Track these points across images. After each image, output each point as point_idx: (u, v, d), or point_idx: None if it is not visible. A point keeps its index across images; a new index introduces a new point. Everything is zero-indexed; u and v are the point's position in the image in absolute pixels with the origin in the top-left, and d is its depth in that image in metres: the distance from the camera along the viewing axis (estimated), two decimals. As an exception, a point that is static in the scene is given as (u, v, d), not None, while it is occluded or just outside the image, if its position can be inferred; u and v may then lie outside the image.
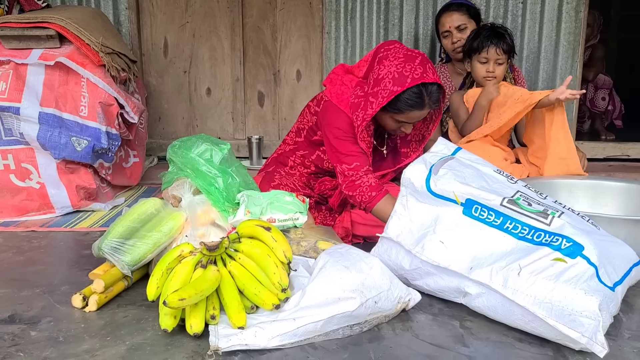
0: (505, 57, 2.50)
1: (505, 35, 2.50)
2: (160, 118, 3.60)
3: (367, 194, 1.98)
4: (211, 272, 1.49)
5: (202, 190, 1.85)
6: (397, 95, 1.91)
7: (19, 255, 2.05)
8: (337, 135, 2.08)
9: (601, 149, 3.43)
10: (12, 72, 2.47)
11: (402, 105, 1.94)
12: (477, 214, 1.57)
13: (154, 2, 3.46)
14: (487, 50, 2.48)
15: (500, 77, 2.53)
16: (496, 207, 1.57)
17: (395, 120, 2.02)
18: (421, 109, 1.96)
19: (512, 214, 1.55)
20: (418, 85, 1.90)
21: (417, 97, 1.93)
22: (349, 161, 2.04)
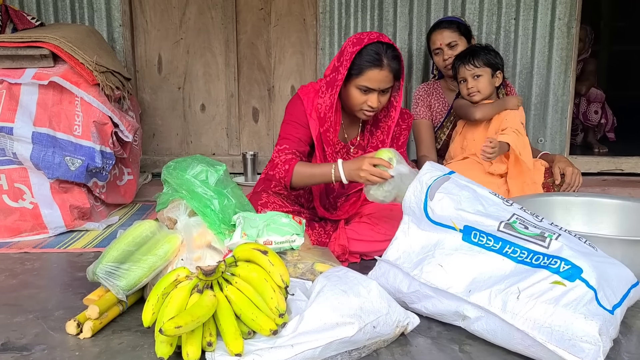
0: (481, 69, 2.52)
1: (476, 51, 2.54)
2: (155, 134, 3.59)
3: (282, 168, 2.09)
4: (208, 298, 1.47)
5: (198, 212, 1.83)
6: (357, 55, 2.04)
7: (12, 278, 2.03)
8: (285, 119, 2.21)
9: (595, 163, 3.44)
10: (5, 92, 2.46)
11: (362, 64, 2.04)
12: (477, 239, 1.57)
13: (148, 19, 3.46)
14: (458, 70, 2.58)
15: (484, 89, 2.55)
16: (494, 232, 1.57)
17: (359, 90, 2.08)
18: (380, 67, 2.03)
19: (510, 238, 1.55)
20: (375, 43, 2.05)
21: (375, 54, 2.03)
22: (281, 143, 2.16)
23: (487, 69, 2.53)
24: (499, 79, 2.58)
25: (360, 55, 2.04)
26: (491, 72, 2.54)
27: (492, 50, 2.59)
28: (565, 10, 3.23)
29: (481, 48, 2.58)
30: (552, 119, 3.34)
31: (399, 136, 2.33)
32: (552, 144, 3.35)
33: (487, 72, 2.53)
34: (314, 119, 2.18)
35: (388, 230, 2.16)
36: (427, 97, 2.91)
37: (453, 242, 1.60)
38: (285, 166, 2.08)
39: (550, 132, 3.36)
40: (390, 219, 2.19)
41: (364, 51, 2.04)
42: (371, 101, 2.09)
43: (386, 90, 2.11)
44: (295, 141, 2.16)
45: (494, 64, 2.54)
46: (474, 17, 3.29)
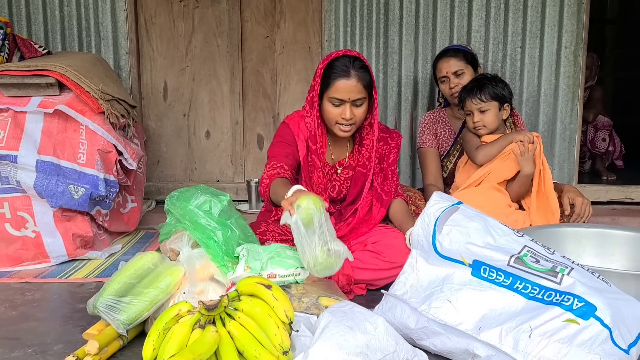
0: (488, 103, 2.49)
1: (484, 85, 2.50)
2: (159, 161, 3.58)
3: (264, 183, 2.09)
4: (209, 334, 1.43)
5: (201, 244, 1.81)
6: (326, 70, 2.11)
7: (12, 309, 1.99)
8: (273, 141, 2.27)
9: (604, 192, 3.40)
10: (10, 120, 2.45)
11: (330, 77, 2.10)
12: (486, 275, 1.54)
13: (155, 47, 3.48)
14: (465, 103, 2.55)
15: (490, 124, 2.52)
16: (504, 267, 1.53)
17: (331, 103, 2.13)
18: (348, 77, 2.09)
19: (521, 274, 1.51)
20: (342, 56, 2.12)
21: (341, 65, 2.10)
22: (268, 162, 2.18)
23: (494, 102, 2.50)
24: (506, 112, 2.56)
25: (329, 69, 2.12)
26: (498, 106, 2.51)
27: (500, 81, 2.55)
28: (572, 38, 3.22)
29: (489, 80, 2.53)
30: (560, 147, 3.31)
31: (389, 154, 2.35)
32: (560, 172, 3.32)
33: (494, 105, 2.51)
34: (302, 140, 2.23)
35: (393, 257, 2.13)
36: (433, 125, 2.89)
37: (462, 277, 1.56)
38: (266, 180, 2.09)
39: (558, 161, 3.32)
40: (394, 247, 2.16)
41: (331, 65, 2.12)
42: (344, 113, 2.12)
43: (359, 103, 2.14)
44: (283, 156, 2.19)
45: (501, 96, 2.51)
46: (480, 45, 3.29)
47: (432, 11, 3.30)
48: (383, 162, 2.34)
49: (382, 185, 2.32)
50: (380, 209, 2.29)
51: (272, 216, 2.30)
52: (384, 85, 3.38)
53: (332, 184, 2.33)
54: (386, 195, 2.30)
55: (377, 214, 2.28)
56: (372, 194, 2.31)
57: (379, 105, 3.37)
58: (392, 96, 3.38)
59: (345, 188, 2.34)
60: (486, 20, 3.28)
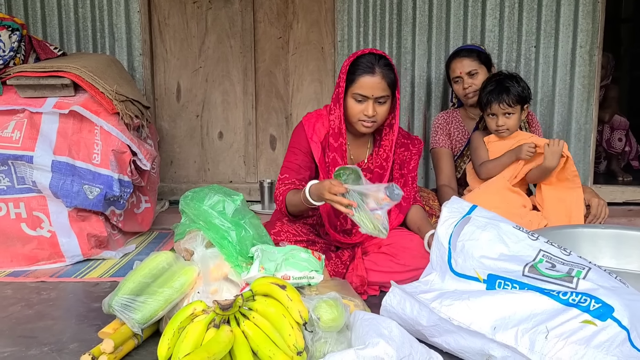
0: (514, 107, 2.47)
1: (510, 88, 2.46)
2: (172, 162, 3.59)
3: (279, 200, 2.18)
4: (224, 334, 1.43)
5: (215, 244, 1.81)
6: (352, 67, 2.13)
7: (28, 308, 2.01)
8: (289, 147, 2.29)
9: (620, 192, 3.37)
10: (26, 120, 2.47)
11: (355, 73, 2.12)
12: (501, 288, 1.53)
13: (168, 48, 3.50)
14: (491, 106, 2.50)
15: (513, 127, 2.51)
16: (519, 278, 1.53)
17: (355, 100, 2.13)
18: (372, 74, 2.09)
19: (537, 283, 1.50)
20: (367, 54, 2.14)
21: (367, 62, 2.11)
22: (283, 172, 2.24)
23: (519, 106, 2.48)
24: (525, 112, 2.54)
25: (354, 66, 2.13)
26: (520, 109, 2.50)
27: (521, 80, 2.52)
28: (587, 37, 3.19)
29: (511, 80, 2.49)
30: (575, 147, 3.28)
31: (409, 160, 2.34)
32: (575, 172, 3.29)
33: (518, 109, 2.49)
34: (315, 142, 2.23)
35: (408, 261, 2.12)
36: (447, 126, 2.87)
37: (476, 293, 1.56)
38: (280, 198, 2.17)
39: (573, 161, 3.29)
40: (409, 250, 2.16)
41: (357, 62, 2.13)
42: (367, 110, 2.12)
43: (382, 101, 2.13)
44: (295, 169, 2.21)
45: (524, 97, 2.49)
46: (494, 45, 3.27)
47: (446, 11, 3.29)
48: (404, 168, 2.33)
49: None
50: (399, 215, 2.28)
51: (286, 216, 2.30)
52: (397, 86, 3.37)
53: None
54: (405, 202, 2.28)
55: (394, 220, 2.27)
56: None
57: (393, 106, 3.37)
58: (405, 96, 3.37)
59: None
60: (500, 19, 3.26)
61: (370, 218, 1.85)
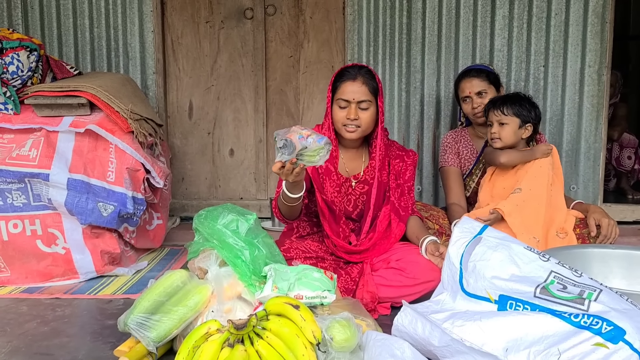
0: (508, 117, 2.51)
1: (509, 100, 2.54)
2: (184, 178, 3.63)
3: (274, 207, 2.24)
4: (238, 353, 1.46)
5: (229, 263, 1.83)
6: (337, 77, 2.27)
7: (44, 325, 2.04)
8: None
9: (630, 211, 3.37)
10: (43, 139, 2.52)
11: (339, 82, 2.24)
12: (513, 309, 1.55)
13: (181, 66, 3.55)
14: (488, 113, 2.59)
15: (506, 138, 2.53)
16: (530, 300, 1.55)
17: (339, 107, 2.24)
18: (354, 80, 2.22)
19: (548, 305, 1.51)
20: (351, 66, 2.30)
21: (350, 70, 2.25)
22: (278, 186, 2.25)
23: (515, 118, 2.51)
24: (527, 132, 2.55)
25: (339, 76, 2.27)
26: (519, 123, 2.52)
27: (529, 102, 2.55)
28: (596, 57, 3.22)
29: (518, 98, 2.55)
30: (584, 166, 3.29)
31: (405, 171, 2.40)
32: (585, 191, 3.30)
33: (514, 122, 2.51)
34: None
35: (417, 274, 2.16)
36: (455, 145, 2.90)
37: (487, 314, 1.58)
38: (273, 203, 2.27)
39: (582, 180, 3.30)
40: (418, 263, 2.19)
41: (341, 72, 2.27)
42: (349, 114, 2.21)
43: (364, 107, 2.22)
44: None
45: (525, 115, 2.51)
46: (503, 64, 3.30)
47: (455, 31, 3.33)
48: (399, 178, 2.39)
49: (399, 200, 2.36)
50: (399, 223, 2.32)
51: (295, 234, 2.34)
52: (406, 104, 3.40)
53: (348, 197, 2.36)
54: (403, 211, 2.34)
55: (396, 229, 2.31)
56: (390, 209, 2.33)
57: (402, 124, 3.41)
58: (414, 115, 3.40)
59: (361, 202, 2.37)
60: (509, 39, 3.29)
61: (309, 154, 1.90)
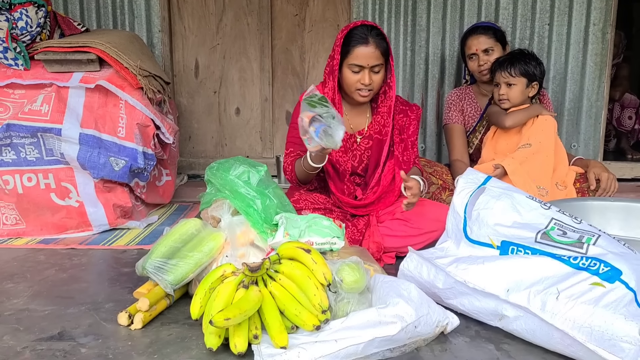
0: (516, 78, 2.54)
1: (515, 60, 2.56)
2: (190, 137, 3.68)
3: (289, 171, 2.33)
4: (253, 293, 1.53)
5: (241, 212, 1.90)
6: (346, 39, 2.22)
7: (62, 272, 2.12)
8: (291, 124, 2.38)
9: (629, 169, 3.43)
10: (54, 94, 2.56)
11: (350, 45, 2.21)
12: (514, 254, 1.62)
13: (186, 25, 3.56)
14: (495, 74, 2.62)
15: (514, 99, 2.57)
16: (531, 245, 1.61)
17: (351, 71, 2.23)
18: (366, 44, 2.19)
19: (548, 249, 1.58)
20: (360, 26, 2.23)
21: (360, 33, 2.21)
22: (287, 147, 2.36)
23: (523, 79, 2.55)
24: (534, 89, 2.60)
25: (348, 38, 2.22)
26: (526, 82, 2.56)
27: (535, 59, 2.59)
28: (600, 15, 3.23)
29: (523, 56, 2.58)
30: (586, 124, 3.34)
31: (409, 126, 2.41)
32: (586, 149, 3.35)
33: (522, 82, 2.55)
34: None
35: (422, 224, 2.22)
36: (460, 102, 2.93)
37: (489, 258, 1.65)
38: (290, 168, 2.32)
39: (583, 138, 3.35)
40: (422, 214, 2.26)
41: (350, 34, 2.22)
42: (363, 79, 2.22)
43: (377, 70, 2.23)
44: (299, 142, 2.24)
45: (531, 74, 2.55)
46: (508, 22, 3.31)
47: (461, -12, 3.33)
48: (403, 133, 2.41)
49: (402, 154, 2.39)
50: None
51: (303, 188, 2.40)
52: (411, 63, 3.42)
53: (353, 153, 2.40)
54: (405, 165, 2.38)
55: (400, 182, 2.35)
56: (394, 163, 2.37)
57: (407, 83, 3.43)
58: (419, 73, 3.43)
59: (366, 157, 2.41)
60: (514, -3, 3.30)
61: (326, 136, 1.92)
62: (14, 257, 2.30)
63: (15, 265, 2.20)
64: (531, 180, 2.43)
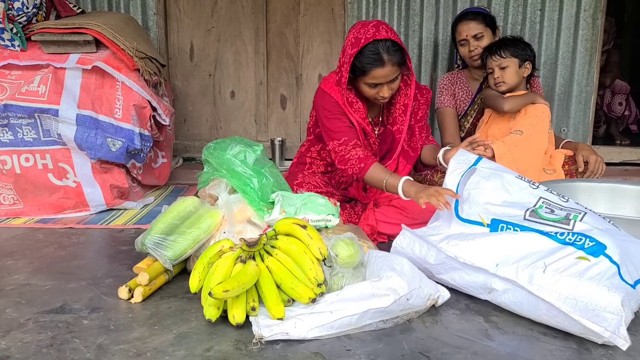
0: (507, 59, 2.58)
1: (503, 42, 2.61)
2: (185, 120, 3.70)
3: (357, 166, 2.14)
4: (251, 267, 1.58)
5: (238, 190, 1.94)
6: (356, 57, 2.09)
7: (61, 250, 2.16)
8: (325, 115, 2.25)
9: (617, 153, 3.49)
10: (51, 75, 2.58)
11: (365, 66, 2.09)
12: (504, 231, 1.68)
13: (181, 7, 3.57)
14: (486, 62, 2.65)
15: (510, 80, 2.60)
16: (520, 222, 1.68)
17: (367, 85, 2.16)
18: (382, 66, 2.08)
19: (536, 226, 1.65)
20: (372, 42, 2.07)
21: (373, 54, 2.07)
22: (338, 137, 2.20)
23: (514, 59, 2.59)
24: (527, 69, 2.64)
25: (360, 55, 2.09)
26: (518, 63, 2.60)
27: (522, 42, 2.63)
28: (591, 1, 3.27)
29: (510, 40, 2.63)
30: (576, 109, 3.39)
31: (417, 110, 2.38)
32: (575, 133, 3.41)
33: (514, 62, 2.59)
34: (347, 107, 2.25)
35: (416, 214, 2.25)
36: (451, 86, 2.97)
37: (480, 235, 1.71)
38: (360, 164, 2.13)
39: (573, 122, 3.41)
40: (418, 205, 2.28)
41: (363, 52, 2.08)
42: (382, 93, 2.17)
43: (394, 79, 2.15)
44: (352, 132, 2.21)
45: (522, 54, 2.59)
46: (500, 7, 3.35)
47: (454, -27, 3.35)
48: (412, 119, 2.37)
49: (409, 142, 2.38)
50: (406, 165, 2.38)
51: (307, 169, 2.42)
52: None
53: (369, 141, 2.35)
54: (413, 152, 2.37)
55: (402, 170, 2.37)
56: (399, 153, 2.37)
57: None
58: (412, 58, 3.46)
59: (377, 144, 2.37)
60: (507, -18, 3.33)
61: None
62: (12, 235, 2.34)
63: (15, 243, 2.24)
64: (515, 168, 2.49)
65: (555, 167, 2.60)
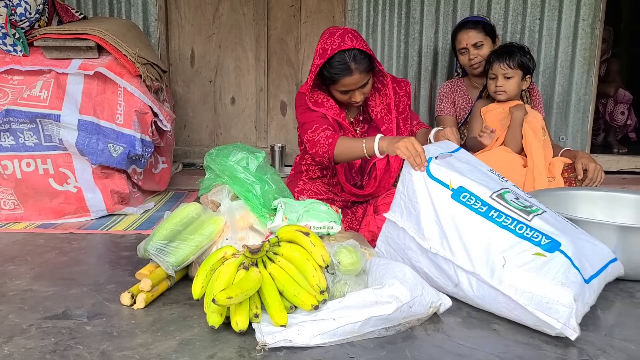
0: (514, 70, 2.60)
1: (513, 52, 2.61)
2: (186, 126, 3.71)
3: (326, 142, 2.14)
4: (254, 274, 1.58)
5: (240, 196, 1.95)
6: (325, 67, 2.14)
7: (62, 255, 2.16)
8: (300, 112, 2.30)
9: (615, 162, 3.52)
10: (53, 81, 2.59)
11: (333, 76, 2.15)
12: (465, 200, 1.71)
13: (183, 14, 3.59)
14: (492, 66, 2.65)
15: (511, 91, 2.63)
16: (485, 199, 1.71)
17: (339, 92, 2.21)
18: (350, 74, 2.13)
19: (497, 206, 1.68)
20: (338, 53, 2.11)
21: (340, 64, 2.12)
22: (310, 126, 2.22)
23: (519, 71, 2.61)
24: (526, 83, 2.67)
25: (329, 66, 2.14)
26: (522, 75, 2.62)
27: (528, 52, 2.65)
28: (590, 11, 3.30)
29: (519, 49, 2.63)
30: (574, 117, 3.42)
31: (398, 104, 2.39)
32: (574, 142, 3.43)
33: (519, 74, 2.61)
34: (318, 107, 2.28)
35: None
36: (451, 94, 3.00)
37: (442, 200, 1.73)
38: (328, 140, 2.14)
39: (571, 131, 3.43)
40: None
41: (331, 63, 2.13)
42: (354, 98, 2.22)
43: (365, 84, 2.19)
44: (324, 121, 2.24)
45: (527, 67, 2.61)
46: (499, 16, 3.37)
47: (454, -18, 3.38)
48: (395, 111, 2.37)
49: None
50: (397, 158, 2.35)
51: (304, 176, 2.44)
52: (404, 55, 3.48)
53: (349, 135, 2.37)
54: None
55: (394, 164, 2.36)
56: None
57: (400, 74, 3.50)
58: (412, 65, 3.48)
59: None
60: (506, -9, 3.36)
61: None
62: (13, 240, 2.34)
63: (16, 248, 2.24)
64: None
65: (554, 174, 2.62)
